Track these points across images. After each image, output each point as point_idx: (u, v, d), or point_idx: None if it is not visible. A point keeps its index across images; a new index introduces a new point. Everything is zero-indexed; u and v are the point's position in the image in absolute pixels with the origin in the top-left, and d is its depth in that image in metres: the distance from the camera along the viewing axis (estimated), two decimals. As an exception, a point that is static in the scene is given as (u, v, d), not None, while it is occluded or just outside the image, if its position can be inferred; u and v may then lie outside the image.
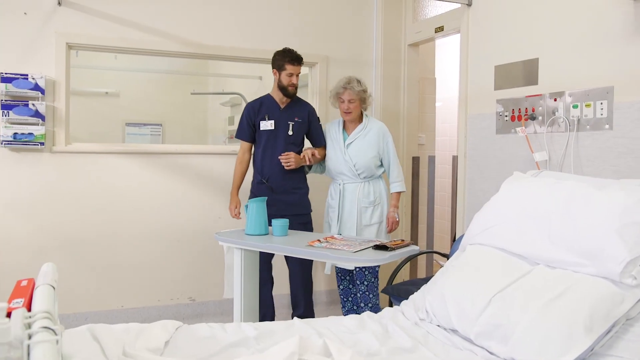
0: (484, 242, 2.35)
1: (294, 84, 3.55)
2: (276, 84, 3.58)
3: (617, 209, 1.91)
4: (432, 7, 4.31)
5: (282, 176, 3.54)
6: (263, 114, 3.57)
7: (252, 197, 3.55)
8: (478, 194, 3.55)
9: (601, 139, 2.74)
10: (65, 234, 3.74)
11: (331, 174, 3.67)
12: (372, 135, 3.57)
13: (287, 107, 3.61)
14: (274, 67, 3.56)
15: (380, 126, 3.63)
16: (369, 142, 3.55)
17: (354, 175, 3.53)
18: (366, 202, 3.54)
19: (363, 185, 3.54)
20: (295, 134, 3.59)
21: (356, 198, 3.52)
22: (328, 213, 3.69)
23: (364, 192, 3.54)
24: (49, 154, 3.66)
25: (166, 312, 4.01)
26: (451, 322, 2.09)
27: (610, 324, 1.71)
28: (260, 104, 3.62)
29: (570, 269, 1.96)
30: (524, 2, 3.21)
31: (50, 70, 3.63)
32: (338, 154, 3.58)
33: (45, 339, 1.11)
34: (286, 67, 3.49)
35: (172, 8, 3.95)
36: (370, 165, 3.53)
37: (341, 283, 3.70)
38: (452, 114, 5.71)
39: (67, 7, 3.66)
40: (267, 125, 3.55)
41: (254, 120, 3.57)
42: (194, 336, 2.06)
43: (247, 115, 3.60)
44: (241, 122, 3.64)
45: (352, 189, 3.55)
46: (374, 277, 3.51)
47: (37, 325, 1.15)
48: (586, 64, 2.83)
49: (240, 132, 3.66)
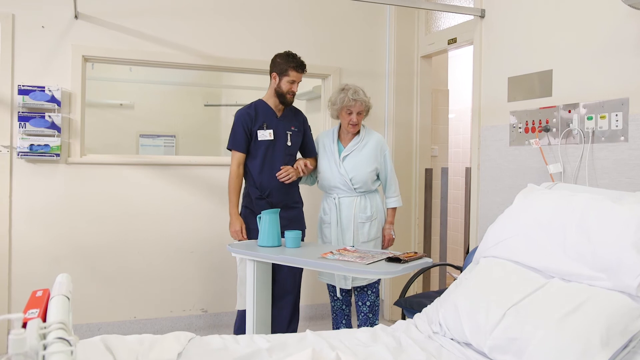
0: (498, 254, 2.33)
1: (294, 92, 3.32)
2: (273, 90, 3.32)
3: (634, 222, 1.88)
4: (445, 19, 4.31)
5: (283, 191, 3.32)
6: (260, 122, 3.29)
7: (248, 213, 3.33)
8: (491, 206, 3.53)
9: (616, 151, 2.72)
10: (80, 244, 3.77)
11: (324, 188, 3.46)
12: (370, 148, 3.38)
13: (283, 115, 3.37)
14: (274, 70, 3.30)
15: (378, 139, 3.44)
16: (366, 156, 3.36)
17: (350, 189, 3.34)
18: (363, 217, 3.35)
19: (360, 199, 3.35)
20: (294, 145, 3.37)
21: (353, 213, 3.34)
22: (321, 229, 3.48)
23: (360, 207, 3.35)
24: (65, 165, 3.70)
25: (178, 324, 4.01)
26: (465, 335, 2.07)
27: (627, 339, 1.69)
28: (255, 111, 3.31)
29: (586, 283, 1.94)
30: (537, 14, 3.20)
31: (67, 83, 3.68)
32: (333, 167, 3.37)
33: (60, 349, 1.11)
34: (289, 72, 3.25)
35: (185, 21, 3.99)
36: (368, 180, 3.35)
37: (335, 304, 3.51)
38: (465, 126, 5.71)
39: (83, 20, 3.72)
40: (265, 135, 3.28)
41: (251, 128, 3.28)
42: (206, 348, 2.06)
43: (243, 123, 3.27)
44: (235, 131, 3.30)
45: (348, 203, 3.35)
46: (376, 296, 3.42)
47: (52, 335, 1.15)
48: (600, 76, 2.81)
49: (234, 143, 3.30)
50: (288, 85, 3.28)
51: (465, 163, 5.40)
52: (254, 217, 3.22)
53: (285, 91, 3.28)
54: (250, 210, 3.33)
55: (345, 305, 3.49)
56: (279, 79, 3.28)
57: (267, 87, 3.41)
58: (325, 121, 4.42)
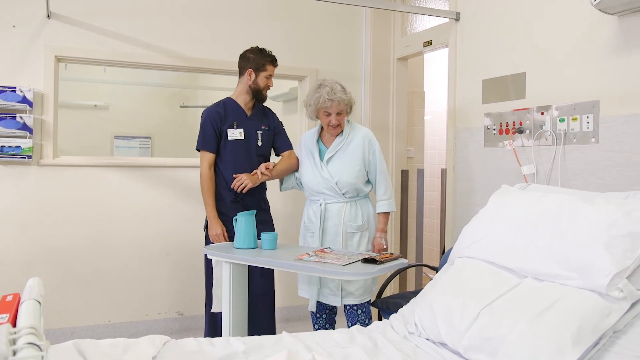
0: (472, 255, 2.36)
1: (270, 87, 3.22)
2: (246, 86, 3.19)
3: (604, 223, 1.92)
4: (421, 22, 4.35)
5: (256, 193, 3.21)
6: (230, 121, 3.16)
7: (222, 217, 3.17)
8: (467, 207, 3.57)
9: (587, 152, 2.77)
10: (52, 248, 3.71)
11: (308, 193, 3.18)
12: (356, 145, 3.05)
13: (253, 114, 3.25)
14: (249, 67, 3.16)
15: (365, 133, 3.09)
16: (352, 155, 3.04)
17: (337, 194, 3.04)
18: (353, 227, 3.05)
19: (349, 205, 3.05)
20: (265, 144, 3.26)
21: (342, 221, 3.04)
22: (305, 238, 3.22)
23: (350, 215, 3.04)
24: (37, 167, 3.64)
25: (154, 327, 3.97)
26: (440, 335, 2.09)
27: (598, 336, 1.72)
28: (224, 109, 3.18)
29: (558, 282, 1.97)
30: (511, 18, 3.25)
31: (39, 83, 3.62)
32: (315, 171, 3.08)
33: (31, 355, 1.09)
34: (267, 67, 3.16)
35: (161, 21, 3.96)
36: (356, 183, 3.03)
37: (317, 322, 3.21)
38: (440, 128, 5.76)
39: (56, 20, 3.66)
40: (235, 134, 3.14)
41: (221, 127, 3.15)
42: (181, 351, 2.04)
43: (212, 122, 3.14)
44: (204, 131, 3.15)
45: (336, 210, 3.04)
46: (367, 317, 3.10)
47: (22, 341, 1.13)
48: (572, 79, 2.86)
49: (204, 142, 3.15)
50: (265, 81, 3.18)
51: (441, 164, 5.45)
52: (229, 224, 3.13)
53: (262, 87, 3.19)
54: (224, 214, 3.18)
55: (329, 324, 3.23)
56: (254, 75, 3.17)
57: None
58: (302, 123, 4.42)
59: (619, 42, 2.62)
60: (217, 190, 3.21)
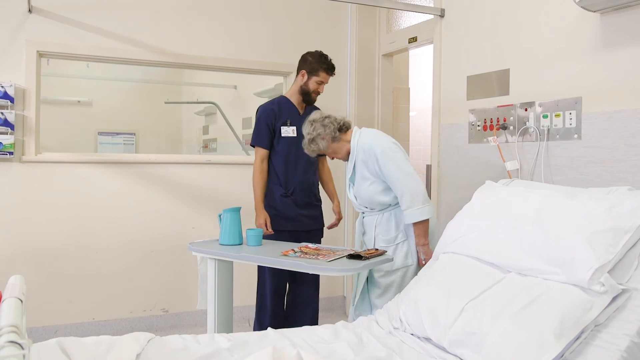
0: (456, 250, 2.38)
1: (320, 92, 3.31)
2: (298, 87, 3.29)
3: (587, 218, 1.94)
4: (406, 18, 4.36)
5: (307, 189, 3.32)
6: (284, 119, 3.26)
7: (271, 211, 3.25)
8: (451, 203, 3.59)
9: (570, 149, 2.79)
10: (35, 245, 3.67)
11: None
12: (359, 160, 2.84)
13: (306, 113, 3.26)
14: (303, 68, 3.27)
15: (367, 147, 2.78)
16: (360, 171, 2.86)
17: (366, 208, 2.92)
18: (384, 241, 2.85)
19: (383, 217, 2.86)
20: None
21: (373, 235, 2.90)
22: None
23: (381, 228, 2.86)
24: (19, 164, 3.60)
25: (139, 324, 3.95)
26: (425, 330, 2.10)
27: (580, 330, 1.74)
28: (278, 107, 3.29)
29: (541, 277, 1.99)
30: (496, 15, 3.26)
31: (20, 79, 3.57)
32: (350, 191, 3.02)
33: (12, 353, 1.08)
34: (320, 73, 3.24)
35: (145, 17, 3.92)
36: (372, 197, 2.83)
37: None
38: (425, 124, 5.77)
39: (38, 14, 3.61)
40: (288, 131, 3.24)
41: (275, 124, 3.25)
42: (166, 348, 2.03)
43: (267, 118, 3.24)
44: (258, 127, 3.26)
45: (370, 222, 2.91)
46: None
47: (3, 339, 1.12)
48: (555, 75, 2.89)
49: (258, 138, 3.26)
50: (315, 85, 3.27)
51: (426, 160, 5.47)
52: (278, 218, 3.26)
53: (311, 90, 3.28)
54: (276, 210, 3.27)
55: None
56: (307, 77, 3.26)
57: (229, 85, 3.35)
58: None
59: (602, 40, 2.64)
60: (268, 184, 3.31)
